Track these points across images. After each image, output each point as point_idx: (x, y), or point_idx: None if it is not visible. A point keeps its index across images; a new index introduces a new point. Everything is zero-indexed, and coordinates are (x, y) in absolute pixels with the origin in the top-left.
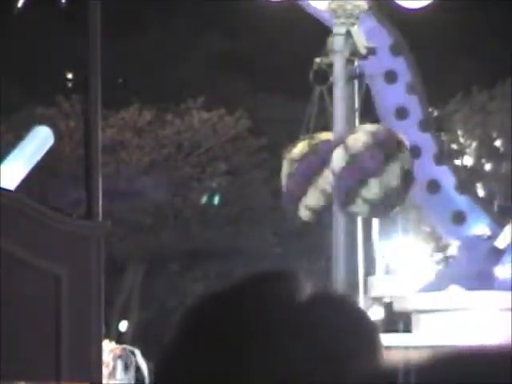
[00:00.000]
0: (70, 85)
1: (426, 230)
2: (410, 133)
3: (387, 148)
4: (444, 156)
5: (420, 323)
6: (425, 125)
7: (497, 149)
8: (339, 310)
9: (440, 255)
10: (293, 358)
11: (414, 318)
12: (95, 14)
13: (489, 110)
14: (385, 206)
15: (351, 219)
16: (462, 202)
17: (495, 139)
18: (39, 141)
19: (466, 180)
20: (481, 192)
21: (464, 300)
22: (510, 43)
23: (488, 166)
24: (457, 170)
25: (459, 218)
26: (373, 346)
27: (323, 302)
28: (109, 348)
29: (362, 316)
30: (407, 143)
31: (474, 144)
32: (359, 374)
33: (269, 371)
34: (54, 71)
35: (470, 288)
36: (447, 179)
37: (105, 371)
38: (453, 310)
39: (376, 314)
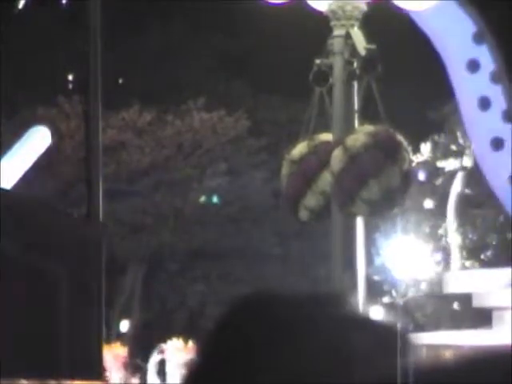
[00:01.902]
0: (70, 85)
1: (425, 230)
2: (492, 123)
3: (387, 149)
4: None
5: (502, 320)
6: (509, 115)
7: None
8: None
9: (439, 256)
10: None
11: (495, 314)
12: (95, 14)
13: None
14: (384, 207)
15: (350, 220)
16: None
17: None
18: (37, 140)
19: None
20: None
21: None
22: (509, 43)
23: None
24: None
25: None
26: (382, 348)
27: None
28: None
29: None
30: (406, 144)
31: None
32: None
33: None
34: (54, 72)
35: None
36: None
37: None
38: None
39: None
